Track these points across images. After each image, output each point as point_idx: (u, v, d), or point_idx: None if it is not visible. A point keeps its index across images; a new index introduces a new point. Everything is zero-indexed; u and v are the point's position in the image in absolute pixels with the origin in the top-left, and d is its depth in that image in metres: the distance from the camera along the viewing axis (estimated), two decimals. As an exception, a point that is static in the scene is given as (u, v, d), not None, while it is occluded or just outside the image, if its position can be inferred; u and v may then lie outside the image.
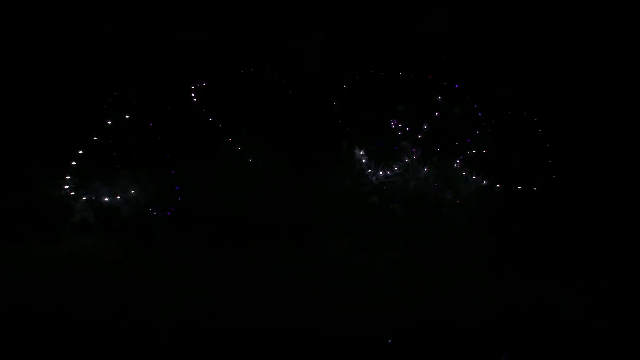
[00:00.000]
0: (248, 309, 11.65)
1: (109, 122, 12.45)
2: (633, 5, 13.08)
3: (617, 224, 13.20)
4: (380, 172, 13.88)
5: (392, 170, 13.86)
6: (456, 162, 13.95)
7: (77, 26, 12.12)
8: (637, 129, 13.46)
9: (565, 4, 13.38)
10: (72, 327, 10.71)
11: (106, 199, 12.72)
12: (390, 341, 10.95)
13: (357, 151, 13.79)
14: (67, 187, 12.43)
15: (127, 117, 12.74)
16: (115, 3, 12.52)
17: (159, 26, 12.90)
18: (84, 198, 12.57)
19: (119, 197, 12.81)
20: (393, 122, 14.02)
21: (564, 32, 13.56)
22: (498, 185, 13.82)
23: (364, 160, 13.85)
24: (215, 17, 13.30)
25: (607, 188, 13.53)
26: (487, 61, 13.80)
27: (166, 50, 13.03)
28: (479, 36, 13.76)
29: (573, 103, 13.50)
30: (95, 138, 12.50)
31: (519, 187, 13.79)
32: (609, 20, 13.23)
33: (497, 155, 13.98)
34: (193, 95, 13.47)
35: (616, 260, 12.67)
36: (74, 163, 12.29)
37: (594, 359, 10.30)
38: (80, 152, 12.33)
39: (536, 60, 13.73)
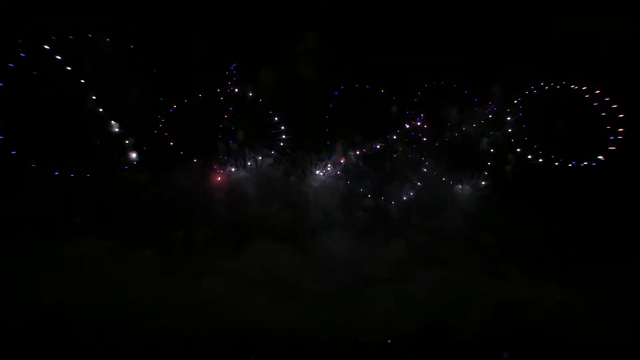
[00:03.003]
0: (247, 309, 11.76)
1: (110, 123, 12.36)
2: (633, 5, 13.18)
3: (616, 224, 13.43)
4: (379, 174, 13.99)
5: (390, 171, 13.95)
6: (455, 163, 14.01)
7: (77, 27, 12.02)
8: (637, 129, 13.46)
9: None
10: (71, 326, 10.72)
11: (106, 200, 12.66)
12: (390, 341, 11.19)
13: (352, 153, 13.89)
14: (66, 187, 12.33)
15: (126, 119, 12.66)
16: (114, 7, 12.47)
17: (158, 28, 12.86)
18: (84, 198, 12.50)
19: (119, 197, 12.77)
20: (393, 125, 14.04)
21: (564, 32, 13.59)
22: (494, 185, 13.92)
23: (360, 163, 13.93)
24: (212, 20, 13.31)
25: (607, 188, 13.64)
26: (485, 61, 13.78)
27: (164, 52, 12.99)
28: (478, 36, 13.72)
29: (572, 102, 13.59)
30: (96, 140, 12.40)
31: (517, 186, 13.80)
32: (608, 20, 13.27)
33: (496, 155, 14.05)
34: (189, 97, 13.44)
35: (615, 260, 12.88)
36: (74, 164, 12.18)
37: (592, 359, 10.63)
38: (81, 154, 12.24)
39: (534, 59, 13.77)
